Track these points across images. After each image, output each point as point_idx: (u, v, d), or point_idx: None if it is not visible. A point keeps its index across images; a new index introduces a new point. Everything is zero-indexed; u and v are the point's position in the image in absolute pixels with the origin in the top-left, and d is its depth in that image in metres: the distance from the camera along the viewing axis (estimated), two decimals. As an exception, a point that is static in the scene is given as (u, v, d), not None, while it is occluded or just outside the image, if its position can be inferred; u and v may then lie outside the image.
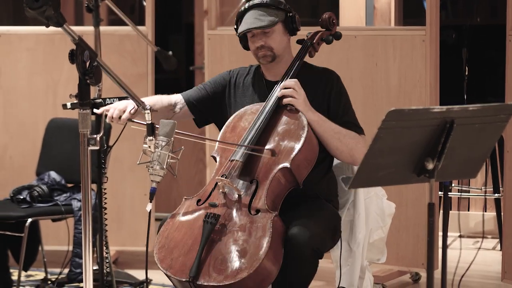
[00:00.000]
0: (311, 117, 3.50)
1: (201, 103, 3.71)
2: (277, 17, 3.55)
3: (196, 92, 3.72)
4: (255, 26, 3.52)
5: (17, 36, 5.37)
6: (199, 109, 3.72)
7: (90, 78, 2.83)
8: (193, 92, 3.73)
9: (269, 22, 3.53)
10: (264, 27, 3.52)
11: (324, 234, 3.41)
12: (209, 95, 3.71)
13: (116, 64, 5.17)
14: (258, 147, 3.45)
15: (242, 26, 3.56)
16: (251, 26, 3.52)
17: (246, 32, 3.56)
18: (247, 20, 3.54)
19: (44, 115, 5.26)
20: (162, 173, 3.19)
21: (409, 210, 4.57)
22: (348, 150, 3.50)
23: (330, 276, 4.35)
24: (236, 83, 3.71)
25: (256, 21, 3.53)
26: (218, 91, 3.71)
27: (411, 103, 4.51)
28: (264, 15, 3.54)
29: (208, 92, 3.71)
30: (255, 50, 3.59)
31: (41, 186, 4.74)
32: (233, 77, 3.72)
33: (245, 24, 3.55)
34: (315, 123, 3.49)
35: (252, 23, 3.53)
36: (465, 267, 4.05)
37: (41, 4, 2.69)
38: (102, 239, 4.24)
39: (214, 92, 3.71)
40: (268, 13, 3.55)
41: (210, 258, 3.23)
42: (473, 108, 2.75)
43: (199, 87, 3.74)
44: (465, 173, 3.00)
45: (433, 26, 4.45)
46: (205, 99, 3.70)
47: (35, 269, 5.00)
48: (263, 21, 3.53)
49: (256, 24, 3.52)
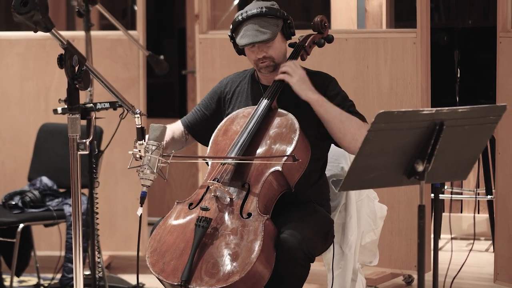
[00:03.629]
0: (310, 96, 3.47)
1: (198, 124, 3.71)
2: (277, 26, 3.54)
3: (192, 116, 3.74)
4: (259, 40, 3.49)
5: (8, 41, 5.36)
6: (197, 131, 3.72)
7: (79, 83, 2.83)
8: (189, 115, 3.75)
9: (272, 35, 3.51)
10: (268, 40, 3.50)
11: (315, 238, 3.41)
12: (204, 114, 3.71)
13: (107, 68, 5.17)
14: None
15: (243, 39, 3.53)
16: (254, 40, 3.50)
17: (249, 45, 3.54)
18: (248, 33, 3.52)
19: (36, 120, 5.26)
20: (152, 177, 3.18)
21: (401, 213, 4.58)
22: (352, 134, 3.43)
23: (322, 279, 4.35)
24: (230, 91, 3.70)
25: (258, 34, 3.51)
26: (213, 107, 3.71)
27: (403, 105, 4.51)
28: (265, 27, 3.51)
29: (203, 112, 3.72)
30: (256, 60, 3.58)
31: (33, 192, 4.73)
32: (226, 87, 3.72)
33: (246, 37, 3.52)
34: (315, 102, 3.46)
35: (255, 35, 3.51)
36: (457, 269, 4.06)
37: (29, 9, 2.69)
38: (94, 244, 4.24)
39: (208, 109, 3.71)
40: (268, 23, 3.53)
41: (202, 261, 3.22)
42: (463, 109, 2.75)
43: (194, 109, 3.76)
44: (456, 175, 3.00)
45: (424, 29, 4.46)
46: (201, 120, 3.71)
47: (27, 275, 4.99)
48: (265, 34, 3.51)
49: (260, 38, 3.50)
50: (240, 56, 3.68)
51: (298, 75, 3.50)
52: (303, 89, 3.48)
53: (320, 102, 3.47)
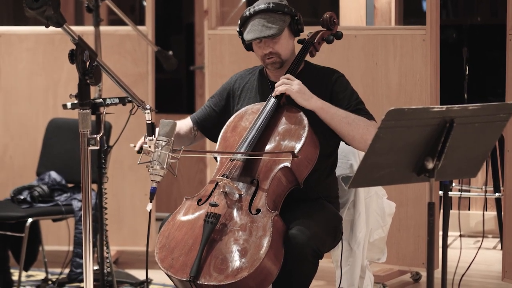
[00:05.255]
0: (313, 104, 3.47)
1: (208, 121, 3.72)
2: (284, 22, 3.54)
3: (201, 112, 3.75)
4: (264, 35, 3.50)
5: (17, 36, 5.37)
6: (207, 127, 3.73)
7: (90, 78, 2.83)
8: (199, 112, 3.76)
9: (278, 30, 3.51)
10: (273, 35, 3.50)
11: (324, 235, 3.41)
12: (214, 110, 3.72)
13: (116, 64, 5.18)
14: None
15: (249, 33, 3.54)
16: (260, 35, 3.50)
17: (255, 40, 3.54)
18: (255, 28, 3.52)
19: (45, 115, 5.27)
20: (162, 173, 3.19)
21: (409, 210, 4.57)
22: (360, 135, 3.44)
23: (330, 276, 4.35)
24: (239, 88, 3.71)
25: (264, 29, 3.51)
26: (222, 104, 3.72)
27: (412, 103, 4.51)
28: (271, 22, 3.52)
29: (212, 109, 3.73)
30: (262, 56, 3.58)
31: (42, 186, 4.74)
32: (236, 83, 3.72)
33: (253, 32, 3.53)
34: (320, 109, 3.46)
35: (261, 31, 3.51)
36: (466, 267, 4.05)
37: (41, 4, 2.69)
38: (103, 239, 4.25)
39: (218, 106, 3.72)
40: (275, 18, 3.53)
41: (211, 257, 3.23)
42: (473, 107, 2.75)
43: (204, 106, 3.77)
44: (465, 172, 2.99)
45: (433, 26, 4.45)
46: (211, 116, 3.72)
47: (35, 269, 5.00)
48: (271, 29, 3.51)
49: (266, 33, 3.50)
50: (249, 52, 3.68)
51: (296, 87, 3.48)
52: (305, 99, 3.47)
53: (325, 109, 3.47)
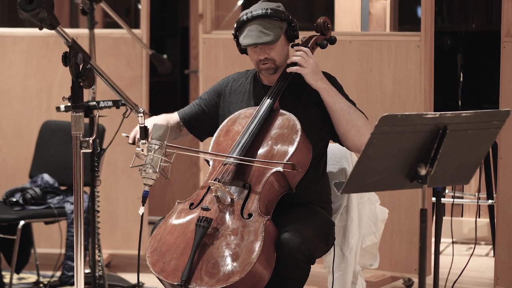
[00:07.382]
0: (320, 84, 3.50)
1: (195, 118, 3.72)
2: (281, 29, 3.54)
3: (189, 109, 3.75)
4: (261, 41, 3.49)
5: (11, 38, 5.36)
6: (193, 125, 3.73)
7: (83, 81, 2.82)
8: (187, 108, 3.76)
9: (275, 37, 3.51)
10: (270, 42, 3.50)
11: (316, 240, 3.40)
12: (203, 109, 3.72)
13: (110, 67, 5.17)
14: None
15: (246, 39, 3.53)
16: (257, 41, 3.50)
17: (251, 46, 3.54)
18: (252, 33, 3.51)
19: (38, 118, 5.26)
20: (155, 176, 3.18)
21: (402, 216, 4.57)
22: (357, 127, 3.47)
23: (322, 282, 4.34)
24: (231, 90, 3.70)
25: (261, 35, 3.50)
26: (213, 103, 3.71)
27: (406, 109, 4.51)
28: (268, 28, 3.51)
29: (202, 107, 3.72)
30: (257, 61, 3.58)
31: (34, 189, 4.73)
32: (228, 85, 3.72)
33: (249, 37, 3.52)
34: (325, 91, 3.50)
35: (258, 37, 3.50)
36: (458, 273, 4.05)
37: (35, 7, 2.68)
38: (95, 242, 4.24)
39: (207, 105, 3.72)
40: (272, 25, 3.52)
41: (202, 261, 3.22)
42: (466, 114, 2.75)
43: (193, 103, 3.77)
44: (458, 179, 2.99)
45: (428, 32, 4.45)
46: (199, 114, 3.72)
47: (27, 272, 4.99)
48: (268, 35, 3.50)
49: (263, 39, 3.50)
50: (243, 56, 3.68)
51: (311, 66, 3.52)
52: (315, 79, 3.51)
53: (331, 92, 3.50)
